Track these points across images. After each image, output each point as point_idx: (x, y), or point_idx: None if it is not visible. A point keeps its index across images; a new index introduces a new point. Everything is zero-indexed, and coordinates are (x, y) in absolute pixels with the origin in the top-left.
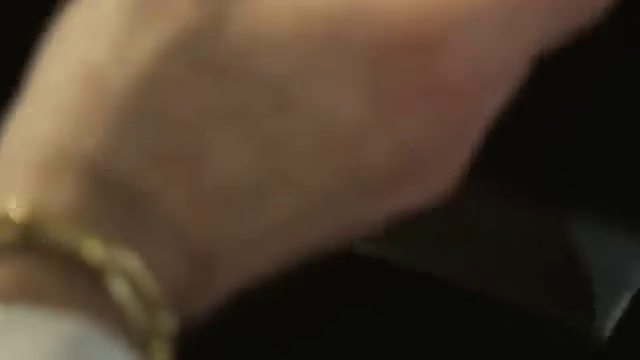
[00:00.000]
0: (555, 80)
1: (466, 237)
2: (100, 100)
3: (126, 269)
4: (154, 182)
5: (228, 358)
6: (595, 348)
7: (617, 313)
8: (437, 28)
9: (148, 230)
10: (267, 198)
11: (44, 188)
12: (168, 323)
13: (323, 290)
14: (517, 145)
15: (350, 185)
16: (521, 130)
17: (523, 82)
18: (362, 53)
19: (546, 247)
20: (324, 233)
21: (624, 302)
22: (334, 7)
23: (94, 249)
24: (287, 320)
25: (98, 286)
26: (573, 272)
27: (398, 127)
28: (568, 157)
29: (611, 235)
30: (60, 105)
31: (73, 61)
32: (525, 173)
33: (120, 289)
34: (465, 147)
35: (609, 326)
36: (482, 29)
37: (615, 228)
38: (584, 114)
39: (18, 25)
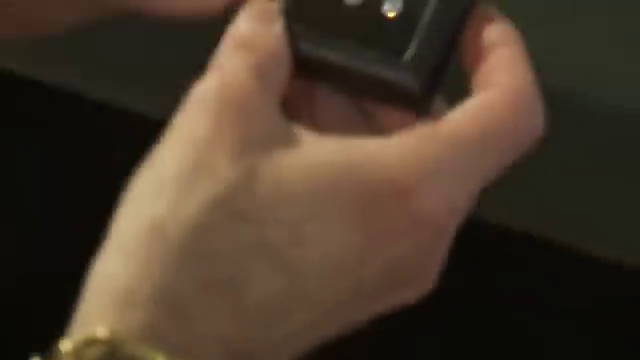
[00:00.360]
0: None
1: None
2: (159, 247)
3: None
4: (204, 306)
5: None
6: None
7: None
8: (416, 179)
9: (201, 341)
10: (289, 311)
11: (120, 318)
12: None
13: None
14: None
15: (352, 296)
16: None
17: None
18: (359, 199)
19: None
20: (332, 331)
21: None
22: (335, 162)
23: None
24: None
25: None
26: None
27: (389, 251)
28: None
29: None
30: (129, 252)
31: (140, 216)
32: None
33: None
34: (439, 257)
35: None
36: (445, 176)
37: None
38: None
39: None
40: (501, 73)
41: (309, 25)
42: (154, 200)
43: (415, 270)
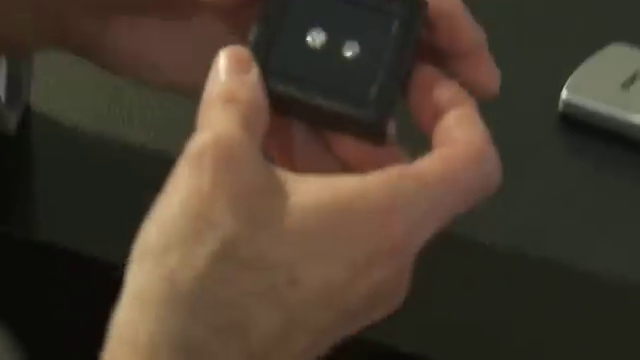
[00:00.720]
0: None
1: None
2: (173, 298)
3: None
4: (216, 347)
5: None
6: None
7: None
8: (393, 212)
9: None
10: (288, 340)
11: None
12: None
13: None
14: None
15: (341, 318)
16: None
17: None
18: (345, 235)
19: None
20: (324, 348)
21: None
22: (321, 203)
23: None
24: None
25: None
26: None
27: (371, 277)
28: None
29: None
30: (146, 303)
31: (153, 270)
32: None
33: None
34: (408, 278)
35: None
36: (417, 209)
37: None
38: None
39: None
40: (460, 130)
41: (279, 69)
42: (165, 255)
43: (391, 291)
